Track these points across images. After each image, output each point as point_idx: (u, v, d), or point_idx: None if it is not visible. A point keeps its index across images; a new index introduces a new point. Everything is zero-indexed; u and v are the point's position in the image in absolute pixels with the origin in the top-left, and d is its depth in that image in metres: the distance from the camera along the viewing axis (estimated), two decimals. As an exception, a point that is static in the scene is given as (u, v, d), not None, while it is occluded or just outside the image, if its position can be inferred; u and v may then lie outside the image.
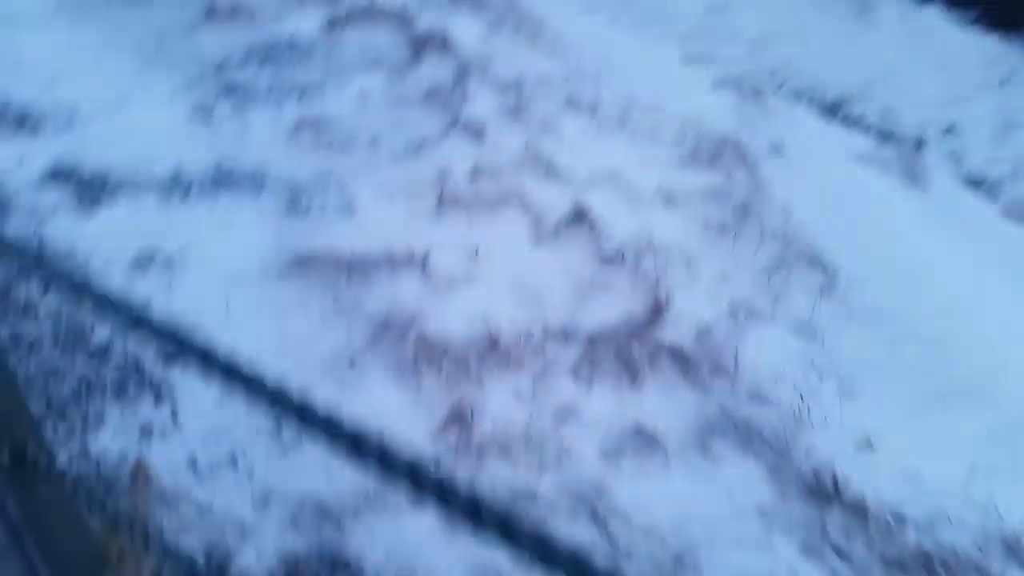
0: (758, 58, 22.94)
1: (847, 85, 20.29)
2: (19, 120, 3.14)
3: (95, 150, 3.11)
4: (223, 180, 3.11)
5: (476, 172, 3.25)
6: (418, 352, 2.51)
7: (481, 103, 3.51)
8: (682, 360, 2.43)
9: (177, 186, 3.05)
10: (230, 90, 3.32)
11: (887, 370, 2.65)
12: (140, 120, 3.16)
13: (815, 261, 3.04)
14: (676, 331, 2.53)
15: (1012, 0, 20.49)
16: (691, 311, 2.60)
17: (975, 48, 21.21)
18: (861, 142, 5.11)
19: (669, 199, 3.26)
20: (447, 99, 3.52)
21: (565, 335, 2.58)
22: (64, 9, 3.84)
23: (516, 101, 3.57)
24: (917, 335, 2.80)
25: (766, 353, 2.52)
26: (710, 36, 24.02)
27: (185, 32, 3.64)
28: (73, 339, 2.44)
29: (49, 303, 2.47)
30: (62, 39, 3.59)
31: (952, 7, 22.31)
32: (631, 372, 2.42)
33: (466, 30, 3.83)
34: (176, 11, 3.84)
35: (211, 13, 3.72)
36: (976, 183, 8.30)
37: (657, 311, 2.59)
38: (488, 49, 3.69)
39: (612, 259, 2.89)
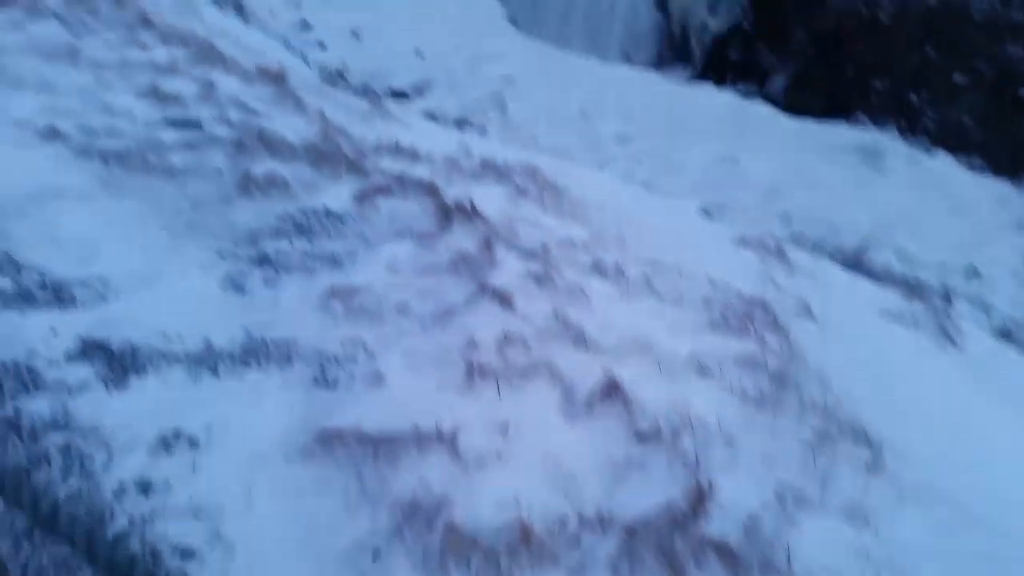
0: (772, 206, 23.48)
1: (864, 231, 20.47)
2: (55, 294, 3.18)
3: (126, 323, 3.13)
4: (252, 352, 3.10)
5: (505, 341, 3.22)
6: (446, 544, 2.38)
7: (508, 270, 3.53)
8: (730, 557, 2.28)
9: (206, 360, 3.04)
10: (262, 261, 3.37)
11: (945, 560, 2.48)
12: (172, 292, 3.19)
13: (859, 435, 2.93)
14: (721, 522, 2.39)
15: (1018, 147, 20.86)
16: (736, 498, 2.48)
17: (986, 193, 21.53)
18: (888, 296, 5.07)
19: (702, 368, 3.19)
20: (475, 266, 3.55)
21: (602, 524, 2.45)
22: (107, 182, 3.98)
23: (542, 267, 3.59)
24: (972, 519, 2.64)
25: (818, 545, 2.36)
26: (722, 185, 24.69)
27: (220, 203, 3.75)
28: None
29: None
30: (101, 212, 3.70)
31: (959, 155, 22.82)
32: (675, 570, 2.27)
33: (491, 199, 3.92)
34: (212, 183, 3.97)
35: (246, 185, 3.84)
36: (1006, 333, 8.19)
37: (700, 498, 2.47)
38: (513, 216, 3.76)
39: (648, 436, 2.79)
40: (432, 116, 26.96)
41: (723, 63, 28.50)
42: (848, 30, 24.02)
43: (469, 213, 3.53)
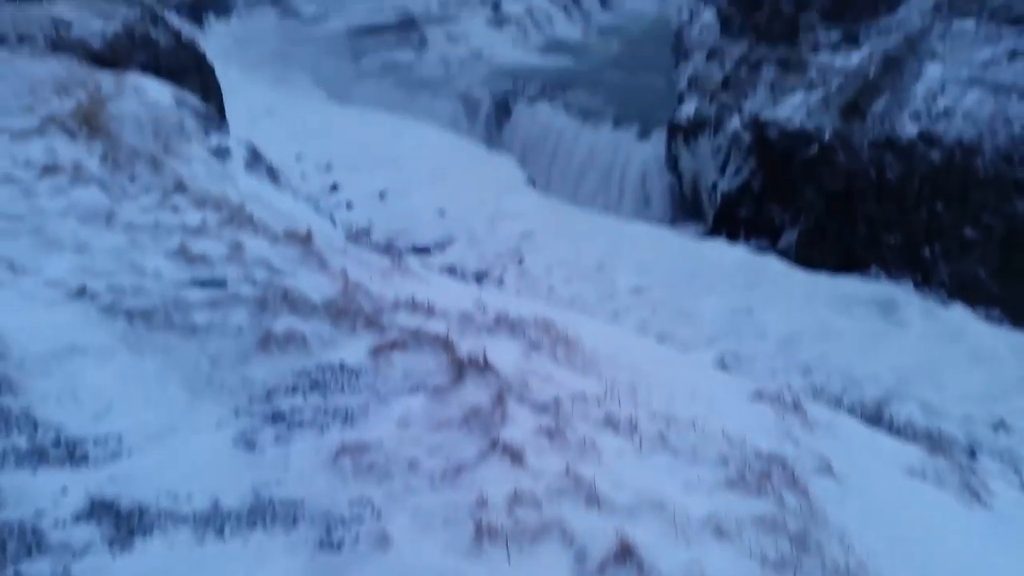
0: (790, 357, 23.32)
1: (884, 383, 20.20)
2: (68, 451, 3.19)
3: (137, 482, 3.12)
4: (259, 513, 3.05)
5: (515, 499, 3.15)
6: None
7: (520, 425, 3.52)
8: None
9: (213, 520, 3.00)
10: (276, 418, 3.40)
11: None
12: (184, 451, 3.20)
13: (885, 602, 2.78)
14: None
15: None
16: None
17: (1006, 344, 21.29)
18: (911, 452, 4.94)
19: (719, 530, 3.09)
20: (487, 421, 3.54)
21: None
22: (129, 339, 4.09)
23: (554, 422, 3.58)
24: None
25: None
26: (739, 336, 24.72)
27: (237, 360, 3.82)
28: None
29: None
30: (120, 368, 3.78)
31: (976, 306, 22.86)
32: None
33: (505, 352, 3.97)
34: (232, 340, 4.06)
35: (265, 342, 3.93)
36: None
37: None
38: (526, 370, 3.79)
39: (664, 606, 2.67)
40: (453, 270, 27.66)
41: (734, 220, 29.33)
42: (857, 189, 24.79)
43: (482, 367, 3.57)
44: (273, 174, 11.56)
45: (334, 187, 34.48)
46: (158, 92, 12.02)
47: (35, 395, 3.38)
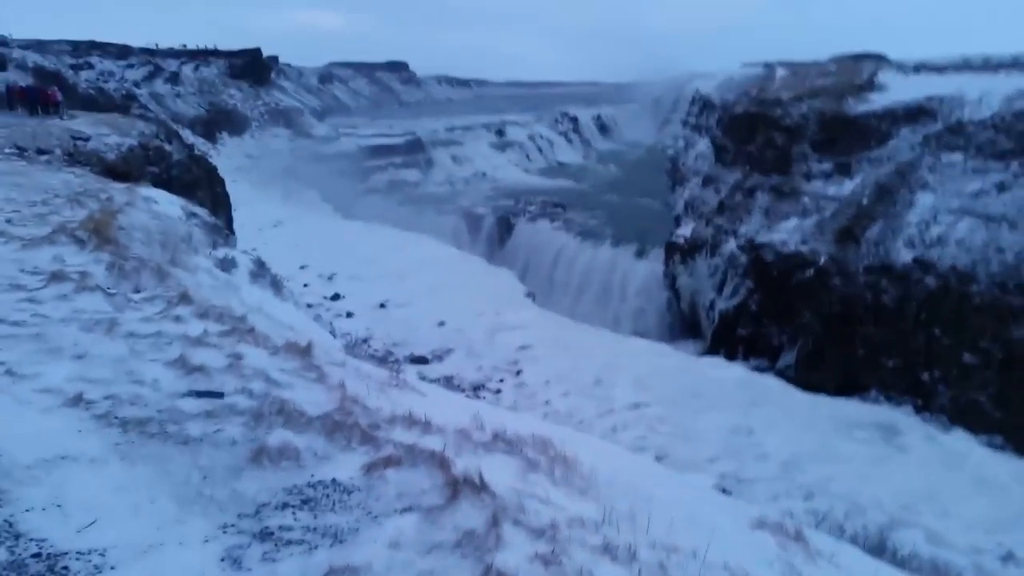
0: (792, 480, 22.85)
1: (888, 509, 19.73)
2: (49, 566, 3.07)
3: (115, 601, 2.99)
4: (238, 639, 2.91)
5: (507, 635, 3.01)
6: None
7: (514, 550, 3.39)
8: None
9: (193, 644, 2.85)
10: (264, 535, 3.29)
11: None
12: (169, 568, 3.08)
13: None
14: None
15: None
16: None
17: (1010, 471, 20.94)
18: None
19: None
20: (480, 545, 3.42)
21: None
22: (120, 448, 4.02)
23: (550, 548, 3.46)
24: None
25: None
26: (739, 457, 24.30)
27: (229, 474, 3.74)
28: None
29: None
30: (110, 479, 3.69)
31: (977, 432, 22.60)
32: None
33: (501, 472, 3.89)
34: (225, 451, 3.99)
35: (258, 455, 3.85)
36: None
37: None
38: (522, 491, 3.70)
39: None
40: (450, 380, 27.29)
41: (732, 338, 29.45)
42: (854, 312, 25.00)
43: (477, 487, 3.49)
44: (277, 285, 11.68)
45: (336, 296, 34.84)
46: (168, 204, 12.30)
47: (20, 505, 3.29)
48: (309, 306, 27.57)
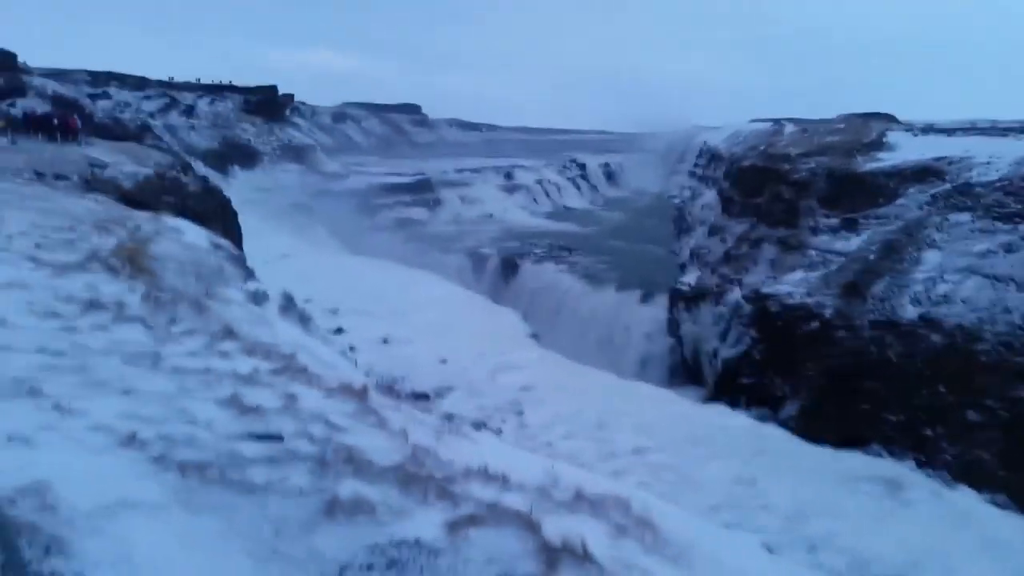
0: (796, 532, 22.26)
1: (892, 565, 19.17)
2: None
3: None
4: None
5: None
6: None
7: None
8: None
9: None
10: (352, 600, 2.99)
11: None
12: (252, 636, 2.78)
13: None
14: None
15: None
16: None
17: (1016, 532, 20.34)
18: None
19: None
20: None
21: None
22: (179, 493, 3.71)
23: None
24: None
25: None
26: (743, 507, 23.72)
27: (303, 528, 3.43)
28: None
29: None
30: (177, 529, 3.38)
31: (982, 490, 22.06)
32: None
33: (591, 536, 3.59)
34: (294, 502, 3.68)
35: (332, 508, 3.55)
36: None
37: None
38: (619, 559, 3.39)
39: None
40: (450, 418, 26.84)
41: (735, 387, 29.10)
42: (858, 366, 24.72)
43: (580, 556, 3.18)
44: (304, 320, 11.39)
45: (339, 331, 34.39)
46: (195, 235, 12.06)
47: (87, 559, 2.98)
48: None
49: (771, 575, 4.20)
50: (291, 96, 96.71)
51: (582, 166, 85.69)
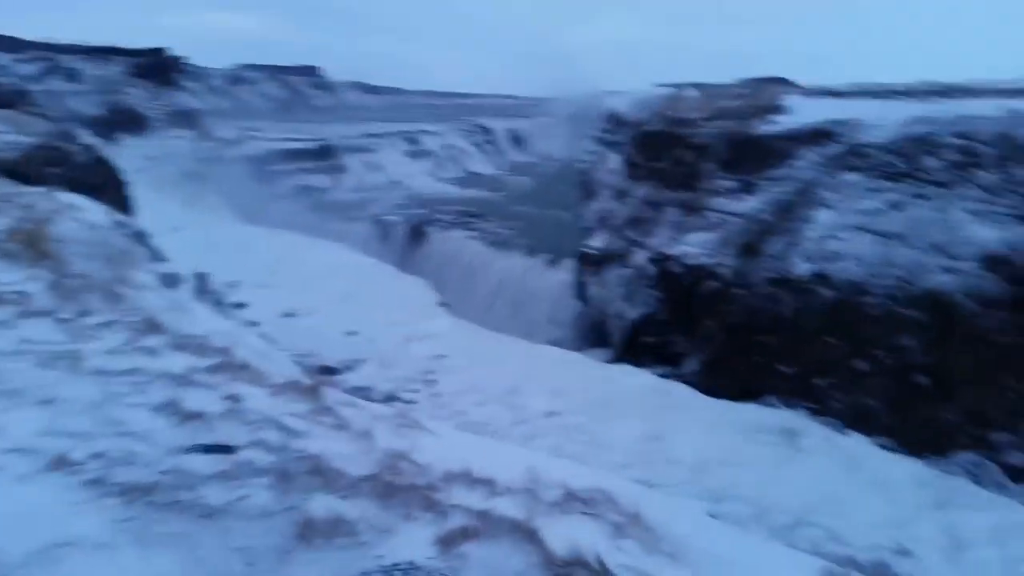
0: (701, 483, 23.07)
1: (791, 510, 20.11)
2: None
3: None
4: None
5: None
6: None
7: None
8: None
9: None
10: (350, 647, 2.62)
11: None
12: None
13: None
14: None
15: (921, 429, 21.55)
16: None
17: (902, 472, 21.74)
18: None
19: None
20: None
21: None
22: (127, 524, 3.20)
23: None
24: None
25: None
26: (651, 463, 24.37)
27: (279, 558, 3.00)
28: None
29: None
30: (130, 566, 2.90)
31: (871, 435, 23.32)
32: None
33: (590, 541, 3.32)
34: (261, 526, 3.24)
35: (306, 531, 3.13)
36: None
37: None
38: (627, 567, 3.14)
39: None
40: (360, 390, 26.27)
41: (639, 346, 29.76)
42: (755, 322, 25.64)
43: (595, 570, 2.90)
44: (220, 303, 10.58)
45: (239, 305, 32.86)
46: (96, 212, 10.92)
47: (30, 621, 2.48)
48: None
49: (759, 559, 4.07)
50: (181, 59, 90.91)
51: (489, 131, 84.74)
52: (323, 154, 67.24)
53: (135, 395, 4.43)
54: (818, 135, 26.46)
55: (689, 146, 30.02)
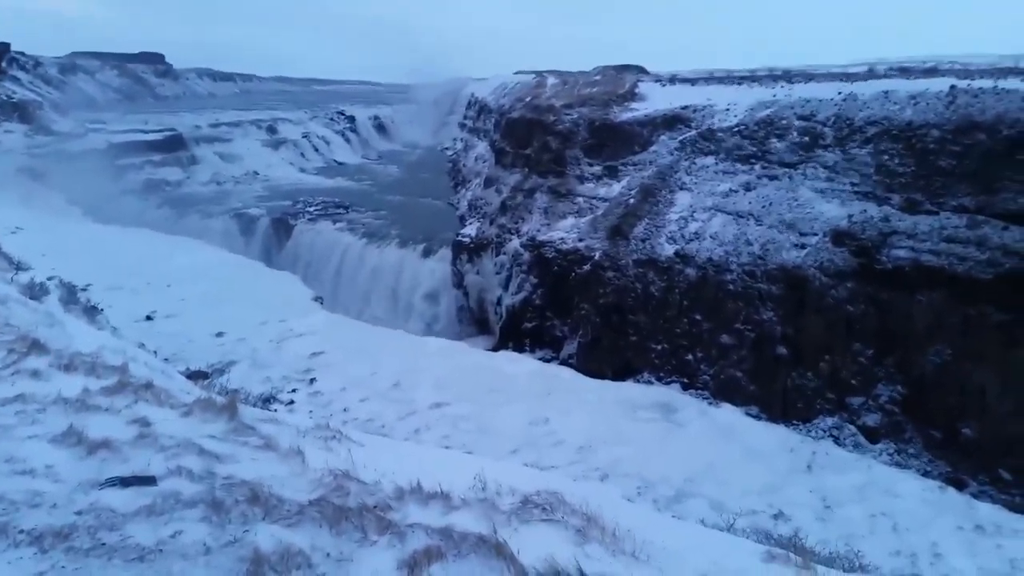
0: (587, 463, 23.65)
1: (674, 483, 21.00)
2: None
3: None
4: None
5: None
6: None
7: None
8: None
9: None
10: None
11: None
12: None
13: None
14: None
15: (782, 395, 22.97)
16: None
17: (772, 439, 23.17)
18: None
19: None
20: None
21: None
22: (47, 577, 2.81)
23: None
24: None
25: None
26: (538, 446, 24.74)
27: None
28: None
29: None
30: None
31: (739, 405, 24.68)
32: None
33: (552, 548, 3.22)
34: (204, 565, 2.92)
35: (258, 567, 2.85)
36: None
37: None
38: (603, 573, 3.06)
39: None
40: (236, 394, 24.92)
41: (520, 332, 30.12)
42: (626, 302, 26.57)
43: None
44: (90, 312, 9.65)
45: (94, 309, 30.38)
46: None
47: None
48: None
49: (706, 548, 4.13)
50: (7, 46, 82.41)
51: (351, 119, 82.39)
52: (173, 145, 63.16)
53: (28, 426, 3.88)
54: (674, 120, 27.64)
55: (554, 133, 30.54)
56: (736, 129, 26.00)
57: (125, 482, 3.45)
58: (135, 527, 3.12)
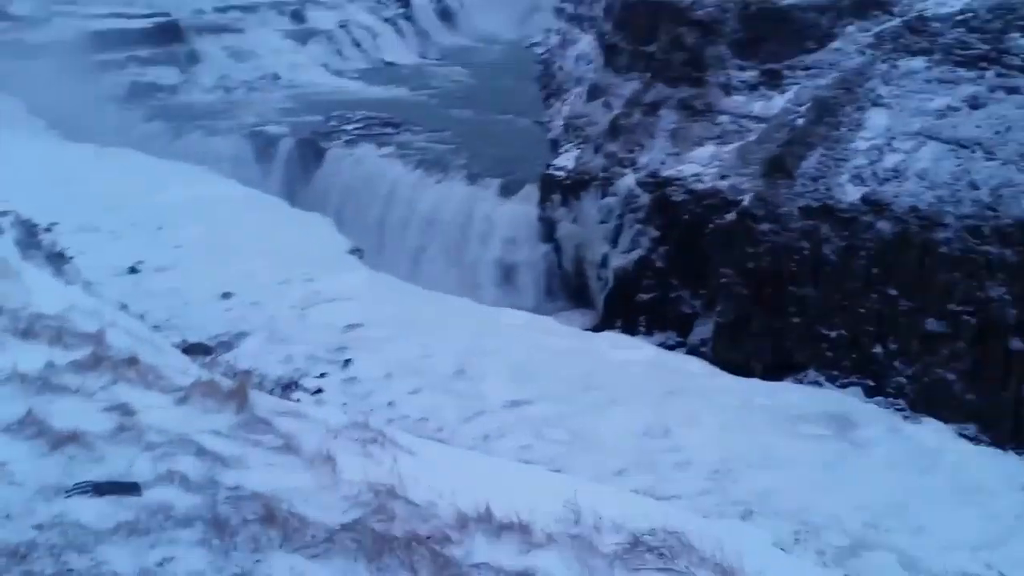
0: (724, 494, 23.48)
1: (849, 527, 20.65)
2: None
3: None
4: None
5: None
6: None
7: None
8: None
9: None
10: None
11: None
12: None
13: None
14: None
15: (1018, 414, 22.02)
16: None
17: (994, 470, 22.52)
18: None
19: None
20: None
21: None
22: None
23: None
24: None
25: None
26: (655, 465, 24.63)
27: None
28: None
29: None
30: None
31: (951, 421, 23.89)
32: None
33: None
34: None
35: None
36: None
37: None
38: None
39: None
40: (234, 374, 25.84)
41: (632, 306, 29.97)
42: (787, 268, 26.02)
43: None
44: (57, 261, 10.15)
45: (60, 256, 31.74)
46: None
47: None
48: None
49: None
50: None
51: (405, 2, 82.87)
52: (166, 36, 64.92)
53: (-24, 413, 4.11)
54: (866, 4, 26.70)
55: (690, 22, 29.94)
56: (959, 18, 24.97)
57: (99, 489, 3.61)
58: (111, 550, 3.27)
